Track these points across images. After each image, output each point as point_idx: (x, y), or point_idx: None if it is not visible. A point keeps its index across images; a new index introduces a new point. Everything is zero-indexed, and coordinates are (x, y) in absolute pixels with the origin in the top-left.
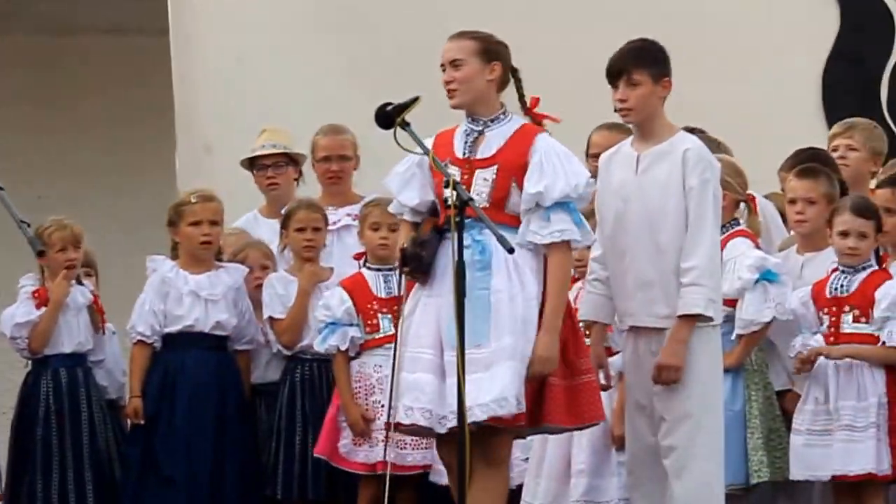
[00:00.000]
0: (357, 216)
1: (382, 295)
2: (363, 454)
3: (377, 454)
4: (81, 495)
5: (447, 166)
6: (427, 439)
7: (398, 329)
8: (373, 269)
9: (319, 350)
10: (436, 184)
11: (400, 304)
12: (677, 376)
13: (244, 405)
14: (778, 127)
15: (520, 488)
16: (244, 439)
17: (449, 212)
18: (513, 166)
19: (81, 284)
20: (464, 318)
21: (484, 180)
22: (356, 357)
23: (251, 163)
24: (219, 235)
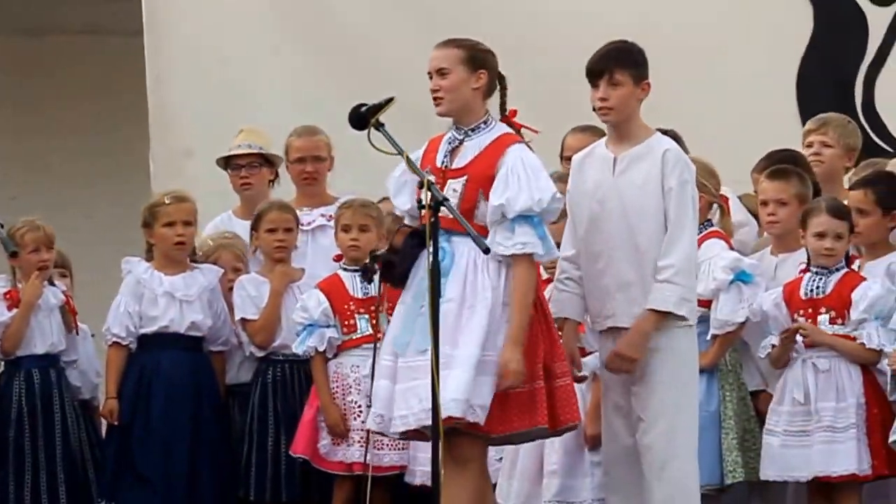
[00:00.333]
0: (331, 217)
1: (359, 296)
2: (341, 454)
3: (353, 454)
4: (54, 496)
5: (427, 174)
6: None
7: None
8: (349, 271)
9: (297, 352)
10: (417, 190)
11: (377, 307)
12: (631, 368)
13: (220, 406)
14: (753, 128)
15: (493, 488)
16: (220, 440)
17: (422, 219)
18: (481, 177)
19: (53, 285)
20: (438, 320)
21: (454, 191)
22: (334, 357)
23: (227, 163)
24: (193, 236)
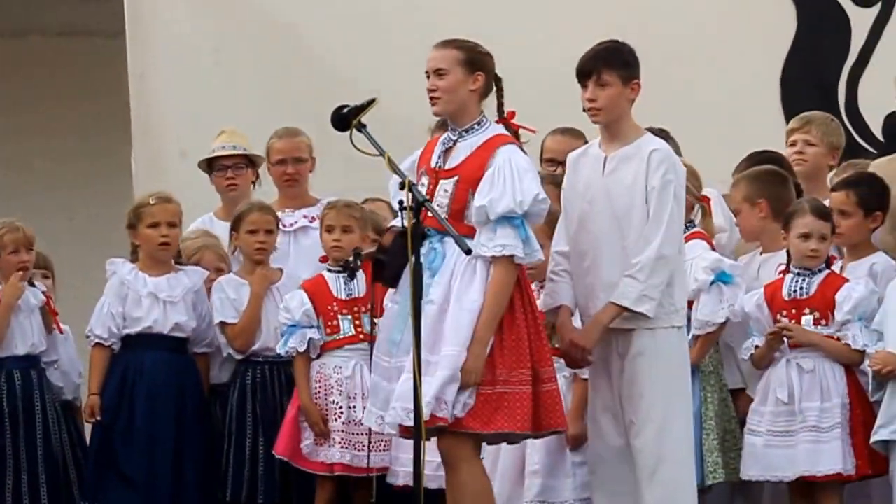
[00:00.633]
0: (314, 218)
1: (343, 297)
2: (323, 454)
3: (334, 455)
4: (35, 497)
5: (422, 175)
6: (384, 442)
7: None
8: (333, 272)
9: (280, 352)
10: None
11: (370, 308)
12: (583, 356)
13: (203, 407)
14: (737, 128)
15: None
16: (203, 441)
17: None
18: (471, 178)
19: (33, 286)
20: (420, 320)
21: (445, 191)
22: (317, 358)
23: (209, 164)
24: (177, 237)
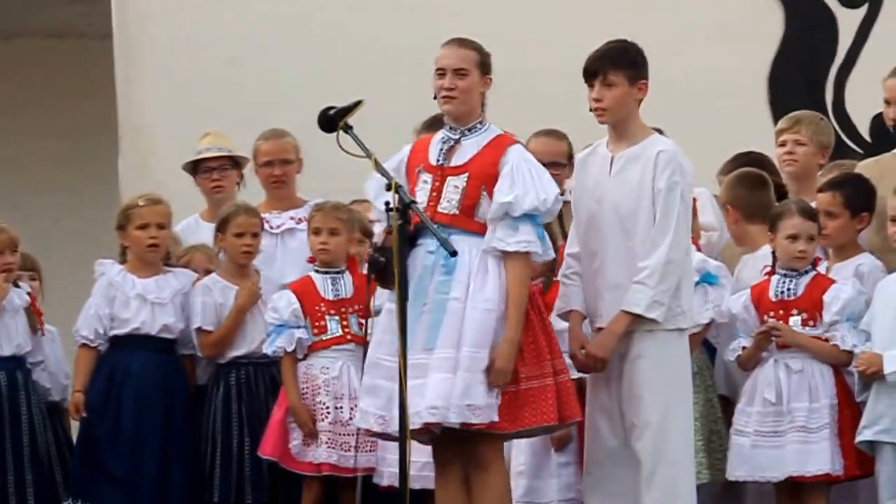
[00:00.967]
0: (300, 220)
1: (330, 297)
2: (311, 454)
3: (321, 455)
4: (22, 497)
5: (420, 172)
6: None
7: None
8: (321, 272)
9: (267, 352)
10: (409, 189)
11: (367, 307)
12: (602, 367)
13: (191, 408)
14: (725, 128)
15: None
16: (190, 442)
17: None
18: (484, 175)
19: (18, 287)
20: (405, 323)
21: (455, 187)
22: (304, 359)
23: (194, 166)
24: (166, 238)
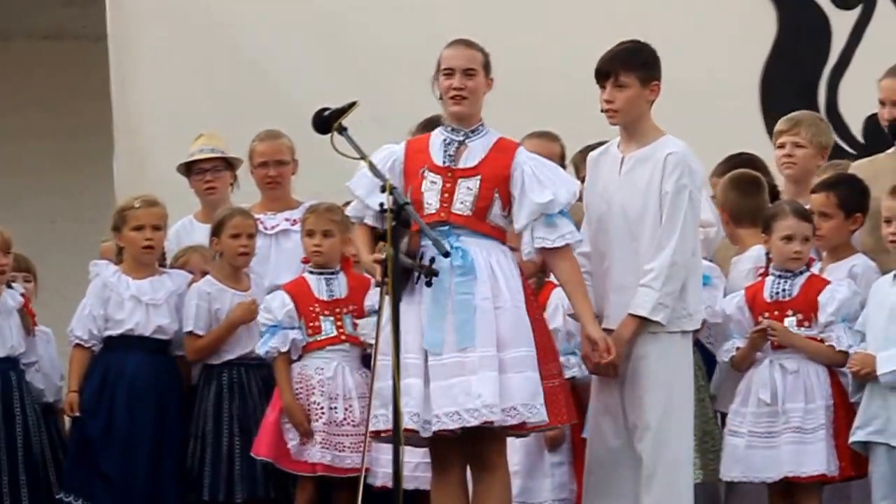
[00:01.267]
0: (295, 221)
1: (324, 298)
2: (306, 454)
3: (315, 455)
4: (16, 497)
5: (426, 173)
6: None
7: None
8: (315, 273)
9: (260, 352)
10: (413, 188)
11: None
12: (613, 373)
13: (184, 408)
14: (717, 130)
15: None
16: (182, 442)
17: (428, 217)
18: (496, 177)
19: (11, 288)
20: (399, 323)
21: (468, 189)
22: (298, 359)
23: (188, 167)
24: (162, 240)
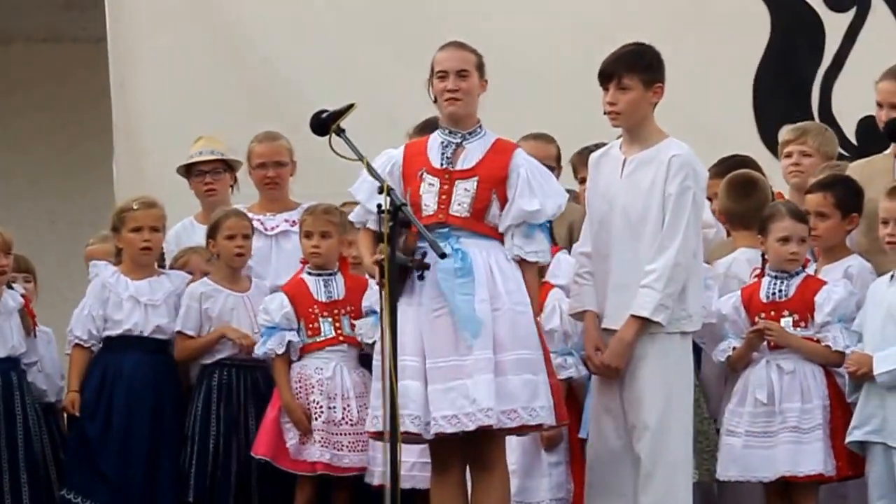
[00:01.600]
0: (294, 222)
1: (323, 299)
2: (305, 453)
3: (314, 453)
4: (17, 497)
5: (424, 176)
6: (363, 442)
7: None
8: (313, 274)
9: (258, 354)
10: (412, 191)
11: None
12: (615, 375)
13: (182, 408)
14: (710, 132)
15: None
16: (179, 442)
17: (426, 219)
18: (493, 179)
19: (11, 289)
20: (395, 324)
21: (465, 191)
22: (297, 360)
23: (187, 169)
24: (160, 241)
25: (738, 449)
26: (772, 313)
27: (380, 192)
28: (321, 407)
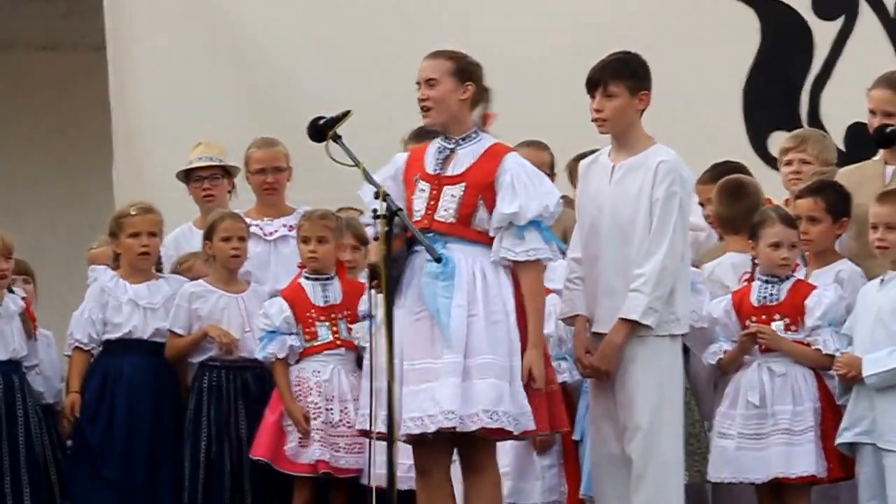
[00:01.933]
0: (292, 227)
1: (320, 303)
2: (306, 455)
3: (314, 453)
4: (19, 498)
5: (418, 181)
6: (359, 444)
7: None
8: (311, 279)
9: (258, 357)
10: (408, 196)
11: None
12: (607, 379)
13: (181, 410)
14: (701, 139)
15: None
16: (179, 444)
17: (415, 224)
18: (480, 184)
19: (12, 292)
20: (392, 330)
21: (452, 196)
22: (296, 363)
23: (186, 175)
24: (157, 246)
25: (731, 451)
26: (763, 317)
27: (375, 198)
28: (319, 408)
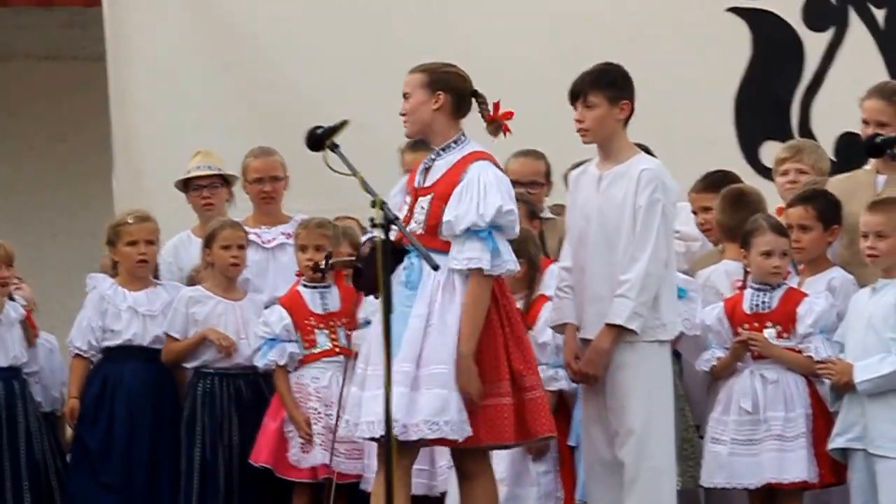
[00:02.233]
0: (290, 235)
1: (319, 311)
2: (307, 460)
3: (316, 457)
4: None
5: (407, 194)
6: (358, 450)
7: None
8: (309, 287)
9: (258, 365)
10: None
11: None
12: (595, 383)
13: (179, 416)
14: (692, 148)
15: (443, 495)
16: (178, 449)
17: (397, 235)
18: (444, 194)
19: (13, 300)
20: (390, 334)
21: (421, 208)
22: (295, 370)
23: (185, 184)
24: (155, 254)
25: (724, 456)
26: (755, 324)
27: (372, 206)
28: (319, 413)
